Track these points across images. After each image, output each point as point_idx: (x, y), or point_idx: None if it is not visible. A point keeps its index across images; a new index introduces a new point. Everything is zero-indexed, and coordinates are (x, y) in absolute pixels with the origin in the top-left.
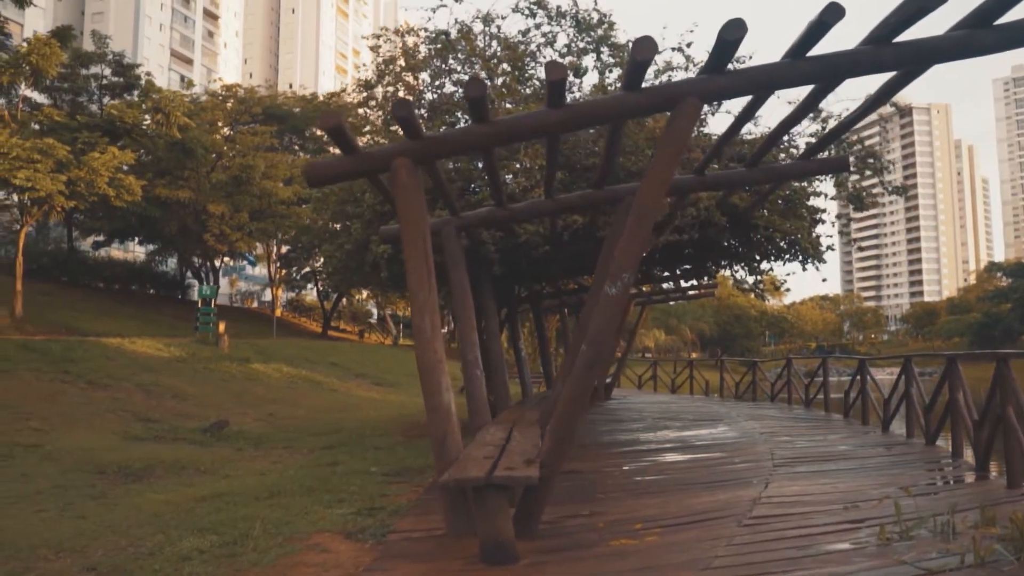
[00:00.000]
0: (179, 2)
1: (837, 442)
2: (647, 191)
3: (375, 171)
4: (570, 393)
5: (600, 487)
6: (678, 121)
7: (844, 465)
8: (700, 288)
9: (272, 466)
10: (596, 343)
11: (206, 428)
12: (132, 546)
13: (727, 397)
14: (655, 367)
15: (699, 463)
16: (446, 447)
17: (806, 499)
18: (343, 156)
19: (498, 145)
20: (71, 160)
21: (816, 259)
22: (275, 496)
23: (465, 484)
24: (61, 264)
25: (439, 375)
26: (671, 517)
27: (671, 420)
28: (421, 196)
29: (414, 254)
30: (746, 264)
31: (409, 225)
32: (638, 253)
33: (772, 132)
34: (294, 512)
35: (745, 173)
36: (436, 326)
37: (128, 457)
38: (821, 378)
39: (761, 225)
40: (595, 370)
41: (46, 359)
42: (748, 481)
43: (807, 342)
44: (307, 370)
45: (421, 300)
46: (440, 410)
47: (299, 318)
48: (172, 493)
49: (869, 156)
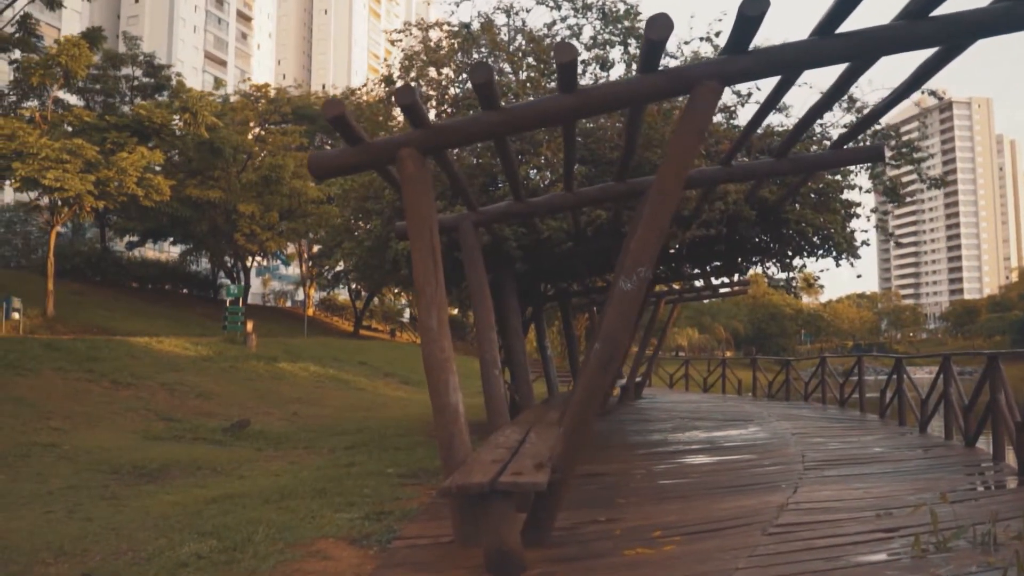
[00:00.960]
0: (213, 4)
1: (871, 444)
2: (664, 180)
3: (382, 162)
4: (583, 393)
5: (621, 491)
6: (697, 105)
7: (878, 468)
8: (732, 285)
9: (289, 467)
10: (610, 340)
11: (227, 428)
12: (132, 550)
13: (760, 397)
14: (687, 366)
15: (726, 466)
16: (453, 450)
17: (836, 505)
18: (348, 147)
19: (509, 134)
20: (100, 160)
21: (850, 254)
22: (285, 499)
23: (467, 491)
24: (94, 264)
25: (447, 374)
26: (693, 524)
27: (701, 420)
28: (428, 187)
29: (420, 247)
30: (778, 260)
31: (415, 217)
32: (655, 246)
33: (801, 119)
34: (301, 516)
35: (774, 163)
36: (443, 323)
37: (145, 457)
38: (856, 377)
39: (792, 219)
40: (609, 369)
41: (71, 358)
42: (776, 485)
43: (844, 341)
44: (335, 369)
45: (428, 296)
46: (447, 411)
47: (331, 317)
48: (183, 494)
49: (905, 147)
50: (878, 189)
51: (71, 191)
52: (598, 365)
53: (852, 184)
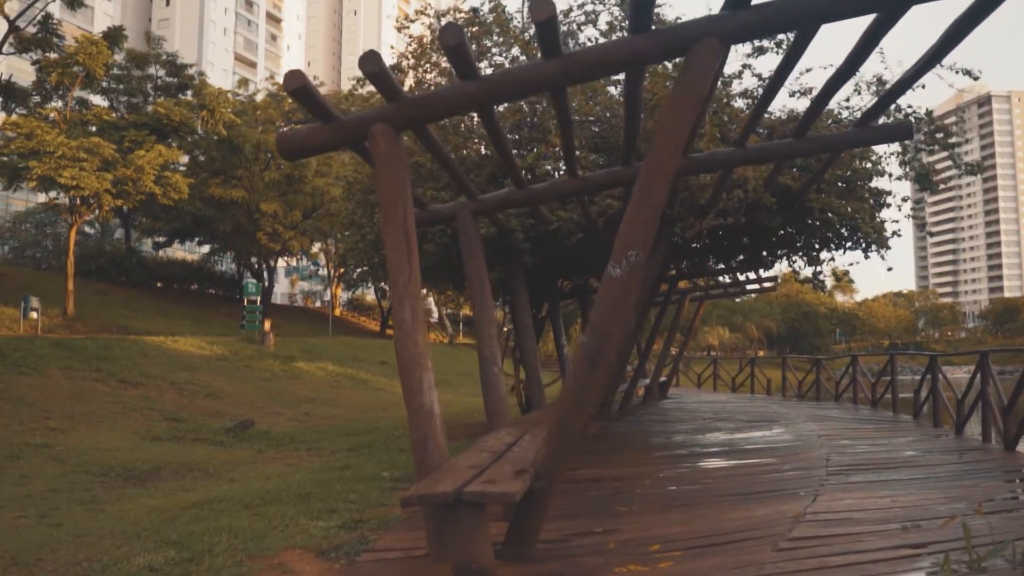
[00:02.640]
0: (243, 6)
1: (902, 447)
2: (657, 152)
3: (354, 140)
4: (570, 393)
5: (625, 498)
6: (694, 67)
7: (908, 474)
8: (760, 282)
9: (286, 469)
10: (598, 333)
11: (230, 428)
12: (89, 560)
13: (789, 396)
14: (715, 365)
15: (743, 470)
16: (427, 454)
17: (858, 516)
18: (318, 125)
19: (493, 104)
20: (118, 159)
21: (880, 246)
22: (267, 504)
23: (430, 501)
24: (119, 264)
25: (421, 371)
26: (697, 537)
27: (724, 421)
28: (402, 167)
29: (393, 234)
30: (804, 253)
31: (388, 199)
32: (648, 225)
33: (822, 89)
34: (276, 523)
35: (792, 144)
36: (418, 316)
37: (139, 458)
38: (889, 376)
39: (817, 208)
40: (600, 366)
41: (80, 357)
42: (794, 493)
43: (880, 340)
44: (354, 368)
45: (400, 286)
46: (421, 411)
47: (358, 317)
48: (166, 498)
49: (939, 131)
50: (909, 176)
51: (87, 189)
52: (586, 361)
53: (881, 170)
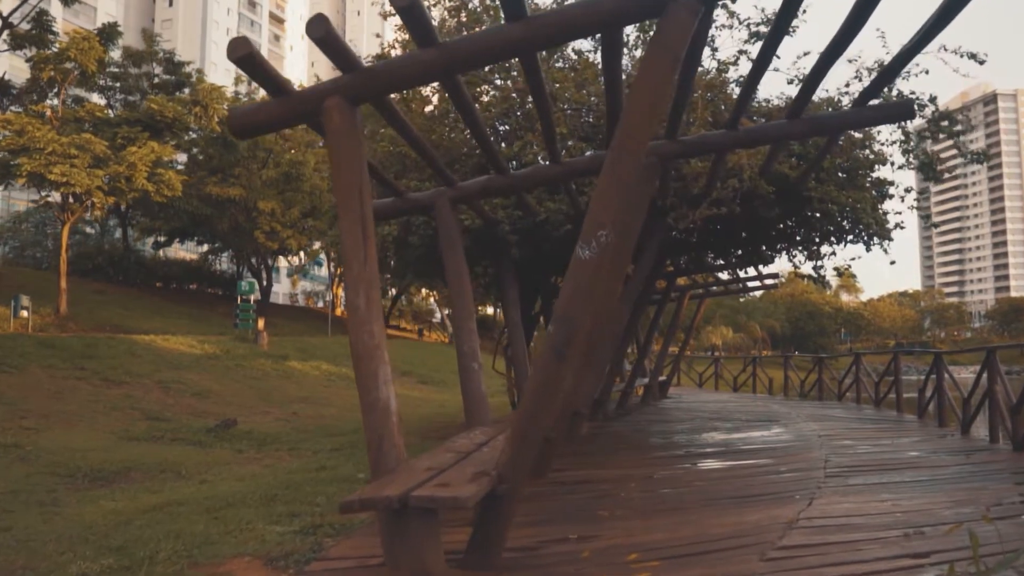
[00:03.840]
0: (245, 7)
1: (906, 447)
2: (628, 120)
3: (308, 116)
4: (535, 387)
5: (609, 501)
6: (670, 27)
7: (911, 476)
8: (761, 279)
9: (262, 470)
10: (565, 322)
11: (211, 428)
12: (27, 567)
13: (792, 396)
14: (717, 364)
15: (737, 472)
16: (383, 454)
17: (857, 521)
18: (271, 100)
19: (457, 72)
20: (109, 155)
21: (881, 237)
22: (229, 507)
23: (373, 506)
24: (116, 263)
25: (376, 364)
26: (679, 545)
27: (722, 421)
28: (358, 143)
29: (348, 215)
30: (804, 248)
31: (343, 178)
32: (620, 201)
33: (816, 62)
34: (232, 528)
35: (786, 126)
36: (374, 303)
37: (112, 459)
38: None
39: (815, 198)
40: (566, 358)
41: (64, 355)
42: (789, 496)
43: (885, 340)
44: (348, 368)
45: (355, 271)
46: (377, 409)
47: None
48: (129, 501)
49: (944, 118)
50: (911, 165)
51: (78, 186)
52: (553, 352)
53: (884, 158)
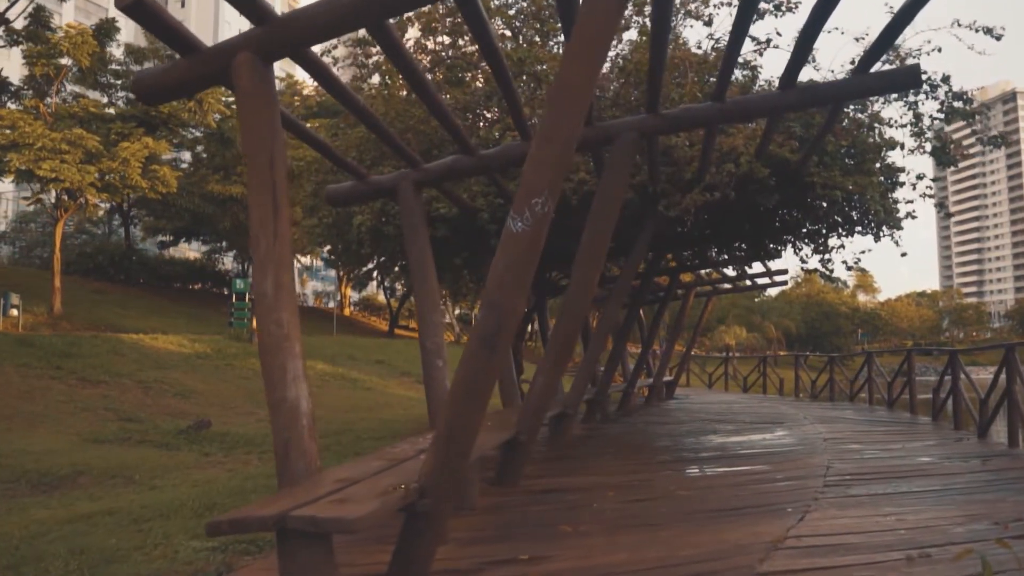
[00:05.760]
0: None
1: (917, 452)
2: (565, 69)
3: (219, 75)
4: (461, 384)
5: (576, 514)
6: None
7: (920, 485)
8: (769, 275)
9: (222, 474)
10: (495, 307)
11: (183, 429)
12: None
13: (803, 397)
14: (726, 364)
15: (728, 480)
16: (289, 462)
17: (852, 541)
18: (178, 60)
19: (386, 17)
20: (102, 151)
21: (891, 226)
22: (160, 518)
23: (243, 529)
24: (117, 263)
25: (284, 358)
26: (641, 569)
27: (724, 423)
28: (271, 105)
29: (258, 186)
30: (810, 240)
31: (253, 144)
32: (558, 164)
33: (809, 17)
34: (147, 542)
35: (779, 95)
36: (284, 288)
37: (65, 462)
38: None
39: (818, 184)
40: (497, 349)
41: (41, 354)
42: (780, 509)
43: (903, 340)
44: (346, 368)
45: (263, 250)
46: (283, 408)
47: (368, 317)
48: (63, 509)
49: (958, 97)
50: (924, 149)
51: (67, 182)
52: (480, 342)
53: (893, 142)
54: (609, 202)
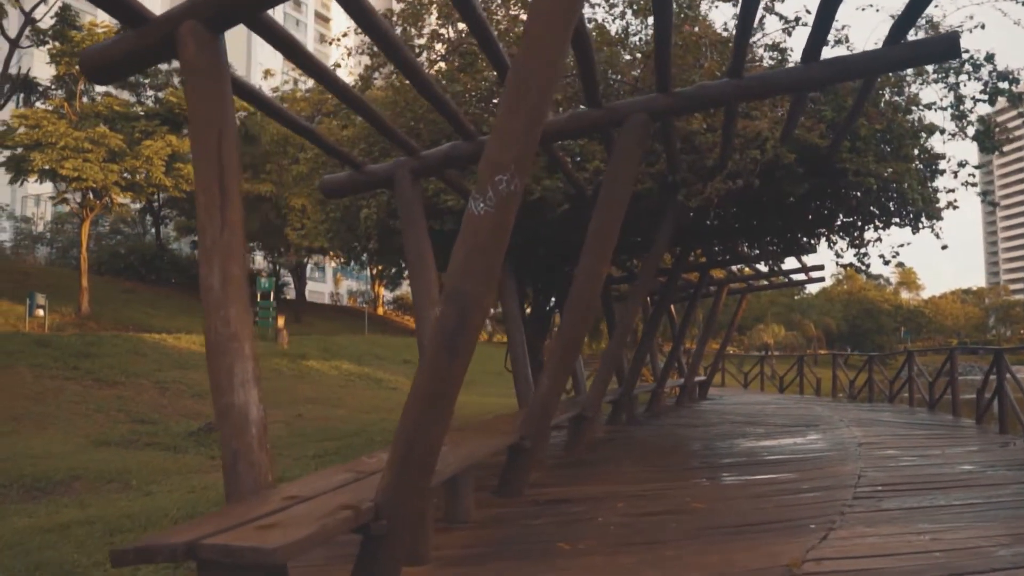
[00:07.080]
0: (291, 7)
1: (958, 459)
2: (530, 28)
3: (164, 48)
4: (420, 390)
5: (579, 529)
6: None
7: (960, 498)
8: (805, 271)
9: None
10: (457, 300)
11: (193, 431)
12: None
13: (840, 397)
14: (762, 364)
15: (748, 491)
16: (237, 475)
17: (879, 565)
18: (124, 33)
19: None
20: (125, 150)
21: (930, 216)
22: (138, 528)
23: (151, 559)
24: (148, 262)
25: (231, 360)
26: None
27: (755, 425)
28: (220, 78)
29: (204, 169)
30: (844, 233)
31: (199, 122)
32: (525, 137)
33: None
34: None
35: (802, 71)
36: (232, 282)
37: (64, 466)
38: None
39: (851, 170)
40: (459, 350)
41: (58, 355)
42: (803, 525)
43: (948, 338)
44: (372, 367)
45: (210, 240)
46: (231, 416)
47: (402, 316)
48: (49, 516)
49: (1003, 79)
50: (966, 133)
51: (90, 180)
52: (442, 341)
53: (933, 126)
54: (618, 188)
